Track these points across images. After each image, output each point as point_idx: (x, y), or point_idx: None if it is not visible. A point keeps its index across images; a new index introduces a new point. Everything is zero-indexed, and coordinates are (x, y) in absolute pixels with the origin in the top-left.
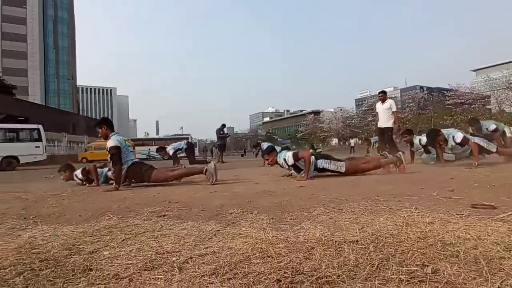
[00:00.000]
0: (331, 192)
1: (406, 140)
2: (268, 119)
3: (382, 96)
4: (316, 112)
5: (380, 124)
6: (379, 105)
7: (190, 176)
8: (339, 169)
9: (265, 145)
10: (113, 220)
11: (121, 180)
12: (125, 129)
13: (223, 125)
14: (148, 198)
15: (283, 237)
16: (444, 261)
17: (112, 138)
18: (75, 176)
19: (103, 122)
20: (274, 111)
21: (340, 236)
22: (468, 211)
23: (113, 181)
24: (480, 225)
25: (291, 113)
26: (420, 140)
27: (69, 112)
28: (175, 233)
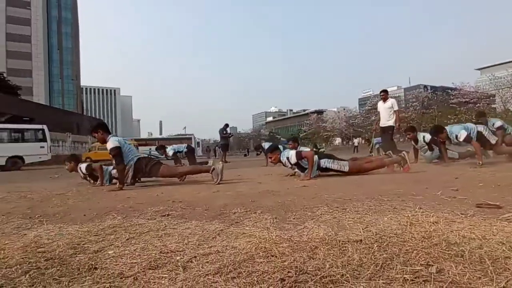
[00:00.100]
0: (335, 191)
1: (410, 137)
2: (271, 118)
3: (384, 95)
4: (319, 112)
5: (381, 123)
6: (380, 104)
7: (195, 175)
8: (342, 169)
9: (266, 145)
10: (118, 219)
11: (130, 177)
12: (129, 129)
13: (226, 125)
14: (152, 197)
15: (286, 236)
16: (449, 261)
17: (111, 140)
18: (79, 169)
19: (99, 126)
20: (277, 110)
21: (344, 236)
22: (473, 210)
23: (117, 180)
24: (485, 225)
25: (294, 113)
26: (424, 137)
27: (73, 112)
28: (179, 233)
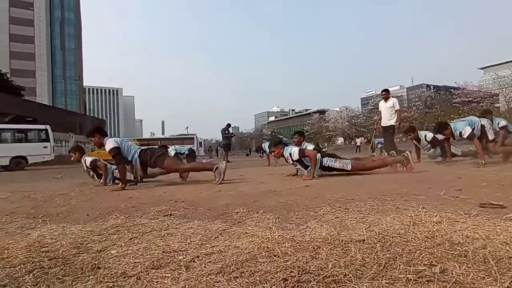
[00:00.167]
0: (337, 191)
1: (412, 138)
2: (273, 118)
3: (385, 95)
4: (322, 112)
5: (382, 122)
6: (382, 103)
7: (198, 175)
8: (345, 167)
9: (267, 145)
10: (120, 219)
11: (139, 171)
12: (131, 129)
13: (228, 125)
14: (155, 197)
15: (289, 236)
16: (452, 261)
17: (108, 141)
18: (83, 161)
19: (95, 131)
20: (279, 110)
21: (346, 236)
22: (476, 210)
23: (119, 180)
24: (488, 225)
25: (296, 113)
26: (425, 136)
27: (76, 113)
28: (181, 232)
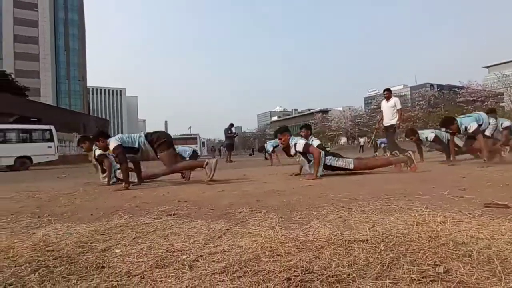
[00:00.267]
0: (340, 191)
1: (414, 140)
2: (276, 118)
3: (387, 94)
4: (324, 111)
5: (384, 122)
6: (384, 103)
7: (199, 174)
8: (347, 166)
9: (269, 145)
10: (124, 218)
11: (151, 152)
12: (135, 129)
13: (231, 125)
14: (158, 197)
15: (292, 236)
16: (456, 261)
17: (111, 142)
18: (93, 151)
19: (99, 135)
20: (282, 110)
21: (350, 235)
22: (481, 210)
23: (121, 181)
24: (493, 225)
25: (299, 112)
26: (427, 138)
27: (80, 113)
28: (185, 232)
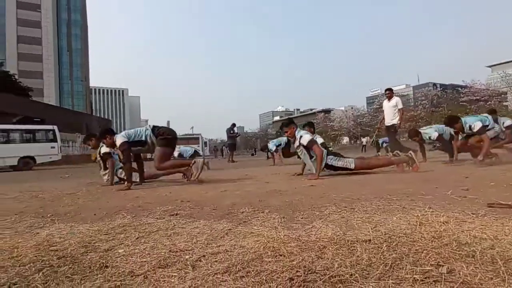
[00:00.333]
0: (343, 191)
1: (417, 141)
2: (278, 118)
3: (389, 94)
4: (327, 111)
5: (386, 121)
6: (385, 102)
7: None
8: (347, 165)
9: (272, 144)
10: (127, 218)
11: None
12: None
13: (233, 125)
14: (161, 197)
15: (294, 236)
16: (459, 261)
17: (117, 138)
18: (99, 148)
19: (105, 132)
20: (284, 110)
21: (352, 235)
22: (484, 210)
23: (124, 181)
24: (497, 225)
25: (301, 112)
26: (430, 138)
27: (83, 113)
28: (187, 232)
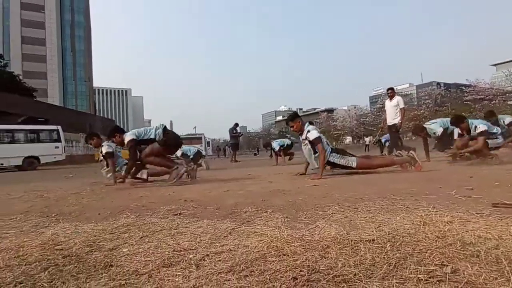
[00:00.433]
0: (346, 190)
1: (423, 136)
2: (280, 117)
3: (391, 93)
4: (330, 110)
5: (388, 121)
6: (387, 102)
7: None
8: (349, 164)
9: (275, 143)
10: (131, 218)
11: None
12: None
13: (236, 124)
14: (164, 197)
15: (298, 235)
16: (464, 261)
17: (126, 136)
18: (101, 147)
19: (114, 131)
20: (287, 109)
21: (356, 235)
22: (489, 210)
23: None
24: (501, 225)
25: (304, 112)
26: (435, 133)
27: (86, 113)
28: (191, 231)
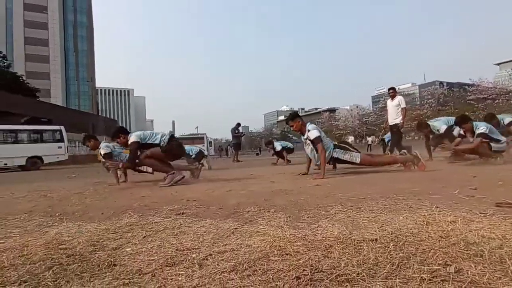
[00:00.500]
0: (348, 190)
1: (426, 133)
2: (282, 117)
3: (392, 93)
4: (332, 110)
5: (389, 121)
6: (389, 102)
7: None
8: (353, 160)
9: (278, 144)
10: (134, 217)
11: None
12: (142, 129)
13: (238, 124)
14: (167, 196)
15: (300, 235)
16: (467, 261)
17: (131, 137)
18: (100, 149)
19: (119, 131)
20: (289, 109)
21: (358, 235)
22: (492, 210)
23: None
24: (505, 224)
25: (305, 111)
26: (438, 130)
27: (89, 113)
28: (194, 231)
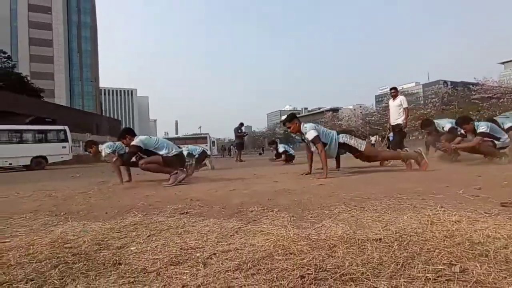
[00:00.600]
0: (352, 190)
1: (429, 131)
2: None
3: (394, 93)
4: (335, 110)
5: (391, 121)
6: (390, 102)
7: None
8: (358, 146)
9: (281, 146)
10: (138, 217)
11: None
12: (146, 129)
13: (241, 124)
14: (170, 196)
15: (304, 234)
16: (472, 260)
17: (136, 138)
18: (101, 151)
19: (126, 132)
20: (292, 109)
21: (362, 234)
22: (497, 209)
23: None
24: (510, 224)
25: (308, 111)
26: (443, 128)
27: (93, 113)
28: (198, 230)
